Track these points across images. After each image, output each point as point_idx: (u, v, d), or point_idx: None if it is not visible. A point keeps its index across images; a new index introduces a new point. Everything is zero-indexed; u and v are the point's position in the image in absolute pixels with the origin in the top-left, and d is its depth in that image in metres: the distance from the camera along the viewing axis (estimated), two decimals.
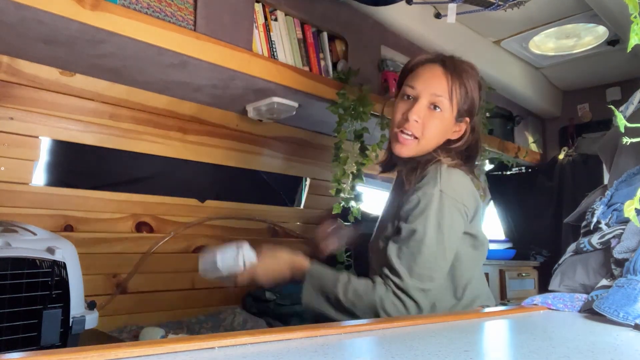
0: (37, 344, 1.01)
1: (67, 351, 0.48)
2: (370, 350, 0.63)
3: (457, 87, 1.15)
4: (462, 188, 1.11)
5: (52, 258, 1.06)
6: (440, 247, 1.06)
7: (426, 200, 1.07)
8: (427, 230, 1.05)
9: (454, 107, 1.15)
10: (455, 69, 1.16)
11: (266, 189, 2.31)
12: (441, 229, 1.06)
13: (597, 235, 1.06)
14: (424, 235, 1.04)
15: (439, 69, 1.16)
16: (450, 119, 1.17)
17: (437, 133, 1.16)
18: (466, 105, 1.17)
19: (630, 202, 0.69)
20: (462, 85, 1.15)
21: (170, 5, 1.35)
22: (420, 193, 1.08)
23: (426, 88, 1.14)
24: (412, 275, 1.03)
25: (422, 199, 1.07)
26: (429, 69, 1.17)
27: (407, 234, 1.06)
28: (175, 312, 1.92)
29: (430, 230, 1.05)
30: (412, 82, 1.17)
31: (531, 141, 3.06)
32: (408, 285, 1.02)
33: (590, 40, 2.35)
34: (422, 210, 1.06)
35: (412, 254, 1.04)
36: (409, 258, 1.04)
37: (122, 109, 1.67)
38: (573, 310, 0.95)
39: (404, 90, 1.18)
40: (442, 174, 1.09)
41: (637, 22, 0.67)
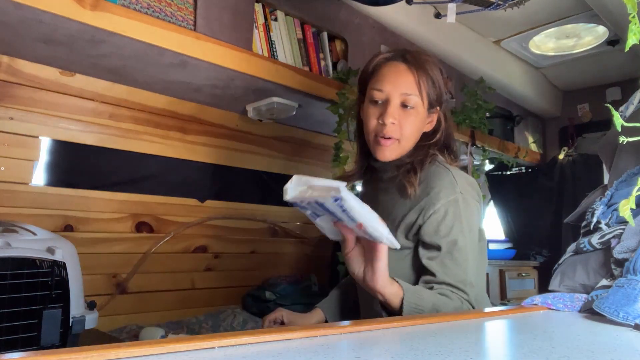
0: (37, 344, 1.01)
1: (67, 351, 0.48)
2: (370, 350, 0.63)
3: (424, 80, 1.13)
4: (470, 185, 1.12)
5: (52, 258, 1.06)
6: (474, 248, 1.08)
7: (454, 208, 1.06)
8: (465, 239, 1.05)
9: (424, 100, 1.13)
10: (417, 62, 1.14)
11: (266, 189, 2.31)
12: (473, 231, 1.08)
13: (597, 235, 1.06)
14: (465, 244, 1.05)
15: (402, 66, 1.13)
16: (423, 113, 1.15)
17: (414, 130, 1.14)
18: (435, 95, 1.16)
19: (625, 201, 0.70)
20: (428, 77, 1.14)
21: (170, 5, 1.35)
22: (444, 202, 1.06)
23: (395, 88, 1.11)
24: (467, 286, 1.03)
25: (450, 208, 1.06)
26: (392, 68, 1.14)
27: (449, 247, 1.04)
28: (175, 312, 1.92)
29: (468, 237, 1.06)
30: (378, 84, 1.13)
31: (531, 141, 3.06)
32: (470, 297, 1.03)
33: (590, 40, 2.35)
34: (453, 219, 1.05)
35: (460, 266, 1.04)
36: (457, 270, 1.03)
37: (122, 109, 1.67)
38: (573, 310, 0.95)
39: (371, 94, 1.14)
40: (455, 176, 1.09)
41: (635, 22, 0.67)
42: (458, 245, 1.04)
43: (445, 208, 1.06)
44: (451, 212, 1.05)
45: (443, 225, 1.05)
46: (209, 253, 2.05)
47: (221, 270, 2.10)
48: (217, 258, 2.09)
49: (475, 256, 1.08)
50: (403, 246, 1.11)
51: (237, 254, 2.15)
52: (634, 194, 0.71)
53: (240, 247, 2.16)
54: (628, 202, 0.70)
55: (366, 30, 1.92)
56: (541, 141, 3.16)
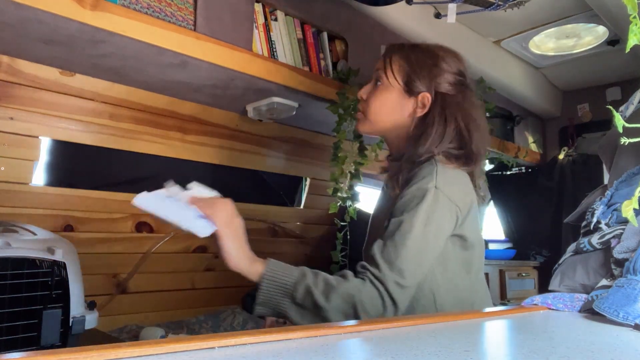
0: (37, 344, 1.01)
1: (67, 351, 0.48)
2: (370, 350, 0.63)
3: (397, 60, 1.18)
4: (457, 188, 1.08)
5: (52, 258, 1.06)
6: (425, 243, 1.01)
7: (420, 194, 1.03)
8: (414, 223, 1.00)
9: (395, 79, 1.17)
10: (398, 47, 1.21)
11: (266, 189, 2.31)
12: (430, 225, 1.01)
13: (597, 235, 1.06)
14: (410, 227, 1.00)
15: (386, 50, 1.23)
16: (396, 93, 1.18)
17: (381, 107, 1.19)
18: (416, 79, 1.15)
19: (628, 202, 0.70)
20: (403, 58, 1.18)
21: (170, 5, 1.35)
22: (414, 188, 1.04)
23: (375, 68, 1.23)
24: (392, 269, 0.97)
25: (416, 193, 1.03)
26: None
27: (394, 227, 1.02)
28: (175, 312, 1.92)
29: (418, 224, 1.00)
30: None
31: (531, 141, 3.06)
32: (386, 277, 0.96)
33: (590, 40, 2.35)
34: (413, 204, 1.02)
35: (396, 247, 0.99)
36: (391, 251, 0.99)
37: (122, 109, 1.67)
38: (573, 310, 0.95)
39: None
40: (438, 171, 1.06)
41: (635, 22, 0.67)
42: (402, 227, 1.00)
43: (413, 194, 1.04)
44: (416, 197, 1.03)
45: (402, 208, 1.03)
46: (209, 253, 2.05)
47: (221, 270, 2.10)
48: (217, 258, 2.08)
49: (419, 248, 1.00)
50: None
51: None
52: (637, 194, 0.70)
53: None
54: (631, 202, 0.69)
55: (366, 30, 1.92)
56: (541, 141, 3.16)
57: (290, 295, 0.96)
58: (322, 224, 2.47)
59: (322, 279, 0.97)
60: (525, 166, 3.11)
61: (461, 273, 1.12)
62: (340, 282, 0.96)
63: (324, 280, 0.96)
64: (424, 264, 1.02)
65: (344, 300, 0.94)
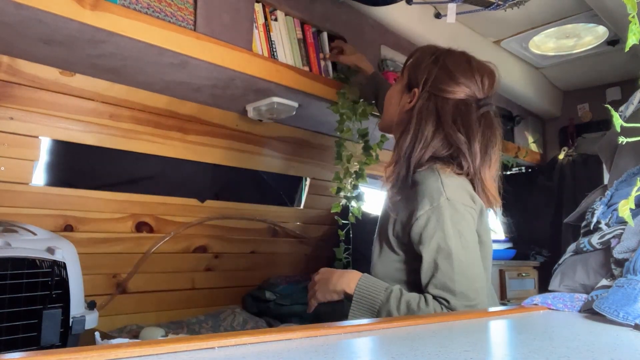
0: (37, 344, 1.01)
1: (67, 351, 0.48)
2: (370, 350, 0.63)
3: (411, 60, 1.24)
4: (463, 191, 1.08)
5: (52, 258, 1.06)
6: (470, 255, 1.02)
7: (437, 214, 1.01)
8: (450, 244, 1.00)
9: (403, 76, 1.24)
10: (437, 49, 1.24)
11: (266, 189, 2.31)
12: (463, 236, 1.01)
13: (597, 235, 1.06)
14: (450, 250, 0.99)
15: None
16: (400, 89, 1.24)
17: (387, 100, 1.28)
18: (415, 75, 1.20)
19: (625, 201, 0.70)
20: (415, 57, 1.24)
21: (170, 5, 1.35)
22: (428, 209, 1.03)
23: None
24: (456, 296, 0.97)
25: (432, 215, 1.02)
26: None
27: (432, 255, 1.01)
28: (175, 312, 1.92)
29: (455, 243, 1.00)
30: None
31: (531, 141, 3.06)
32: (456, 306, 0.97)
33: (590, 40, 2.35)
34: (436, 227, 1.01)
35: (446, 274, 0.99)
36: (446, 281, 0.98)
37: (122, 109, 1.67)
38: (573, 310, 0.95)
39: None
40: (443, 181, 1.05)
41: (635, 22, 0.67)
42: (442, 252, 1.00)
43: (427, 216, 1.02)
44: (433, 219, 1.01)
45: (425, 234, 1.02)
46: (209, 253, 2.05)
47: (221, 270, 2.10)
48: (217, 258, 2.09)
49: (467, 263, 1.00)
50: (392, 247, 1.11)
51: (237, 254, 2.15)
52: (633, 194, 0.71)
53: (240, 247, 2.16)
54: (627, 202, 0.70)
55: (366, 30, 1.92)
56: (541, 141, 3.16)
57: (376, 314, 1.03)
58: (322, 224, 2.47)
59: (405, 301, 1.00)
60: (525, 166, 3.11)
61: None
62: (422, 307, 0.99)
63: (406, 303, 1.00)
64: (479, 274, 1.03)
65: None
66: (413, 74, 1.20)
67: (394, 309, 0.99)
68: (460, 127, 1.11)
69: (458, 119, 1.12)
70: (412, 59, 1.25)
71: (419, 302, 0.99)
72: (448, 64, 1.17)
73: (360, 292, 1.04)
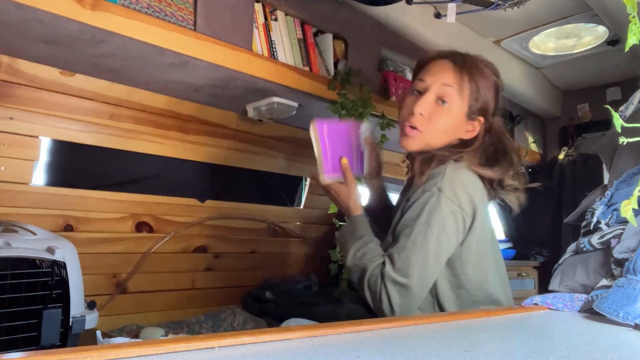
0: (37, 344, 1.01)
1: (67, 351, 0.48)
2: (370, 350, 0.63)
3: (466, 80, 1.12)
4: (463, 191, 1.05)
5: (52, 258, 1.06)
6: (426, 244, 1.01)
7: (424, 198, 1.05)
8: (415, 226, 1.03)
9: (463, 101, 1.11)
10: (465, 64, 1.14)
11: (266, 189, 2.31)
12: (431, 227, 1.02)
13: (597, 235, 1.06)
14: (411, 230, 1.03)
15: (449, 63, 1.14)
16: (460, 116, 1.12)
17: (443, 128, 1.12)
18: (478, 103, 1.13)
19: (627, 202, 0.69)
20: (473, 81, 1.12)
21: (170, 5, 1.35)
22: (420, 191, 1.06)
23: (435, 80, 1.12)
24: (393, 267, 1.02)
25: (421, 196, 1.05)
26: (439, 63, 1.16)
27: (400, 228, 1.06)
28: (175, 312, 1.92)
29: (419, 226, 1.03)
30: (422, 75, 1.16)
31: (531, 141, 3.06)
32: (388, 274, 1.01)
33: (590, 40, 2.35)
34: (417, 207, 1.05)
35: (398, 247, 1.04)
36: (395, 250, 1.04)
37: (122, 109, 1.67)
38: (573, 310, 0.95)
39: (414, 84, 1.17)
40: (445, 174, 1.05)
41: (635, 22, 0.67)
42: (405, 230, 1.05)
43: (418, 196, 1.06)
44: (420, 200, 1.05)
45: (408, 209, 1.07)
46: (209, 253, 2.05)
47: (221, 270, 2.10)
48: (217, 258, 2.09)
49: (418, 249, 1.02)
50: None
51: (237, 254, 2.15)
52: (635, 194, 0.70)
53: (240, 247, 2.16)
54: (630, 202, 0.69)
55: (366, 30, 1.92)
56: (541, 141, 3.16)
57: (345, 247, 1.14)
58: (322, 224, 2.47)
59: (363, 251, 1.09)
60: (525, 166, 3.11)
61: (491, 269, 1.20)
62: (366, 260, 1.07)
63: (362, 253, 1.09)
64: (423, 263, 1.02)
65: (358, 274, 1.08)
66: (475, 101, 1.13)
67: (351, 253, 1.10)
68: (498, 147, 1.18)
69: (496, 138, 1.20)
70: (474, 82, 1.13)
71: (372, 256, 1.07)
72: (499, 90, 1.21)
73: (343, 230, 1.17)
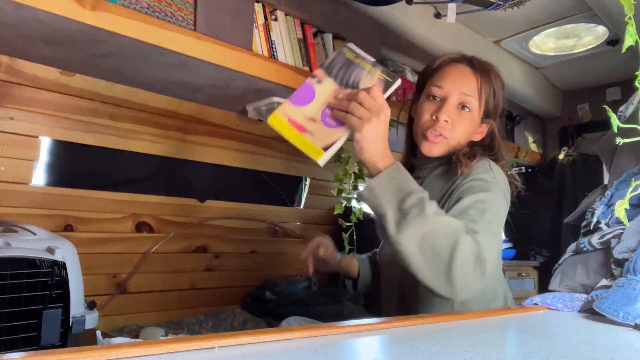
0: (37, 344, 1.01)
1: (67, 351, 0.48)
2: (370, 350, 0.63)
3: (485, 86, 1.13)
4: (505, 182, 1.09)
5: (52, 258, 1.06)
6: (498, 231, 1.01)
7: (482, 183, 1.01)
8: (489, 204, 0.97)
9: (481, 107, 1.13)
10: (482, 69, 1.14)
11: (266, 189, 2.31)
12: (499, 211, 1.00)
13: (597, 235, 1.06)
14: (489, 207, 0.97)
15: (467, 69, 1.14)
16: (477, 120, 1.15)
17: (465, 133, 1.13)
18: (492, 106, 1.16)
19: (620, 202, 0.70)
20: (490, 85, 1.14)
21: (170, 5, 1.35)
22: (475, 177, 1.03)
23: (455, 88, 1.11)
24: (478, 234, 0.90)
25: (478, 182, 1.01)
26: (457, 68, 1.15)
27: (472, 202, 0.97)
28: (175, 312, 1.92)
29: (493, 206, 0.98)
30: (439, 81, 1.13)
31: (531, 141, 3.06)
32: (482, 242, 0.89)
33: (590, 40, 2.35)
34: (481, 188, 1.00)
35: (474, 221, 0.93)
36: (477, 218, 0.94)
37: (122, 109, 1.67)
38: (573, 310, 0.95)
39: (430, 90, 1.14)
40: (492, 166, 1.07)
41: (631, 23, 0.67)
42: (482, 203, 0.97)
43: (473, 185, 1.01)
44: (479, 185, 1.01)
45: (470, 189, 1.00)
46: (209, 253, 2.05)
47: (221, 270, 2.10)
48: (217, 258, 2.09)
49: (498, 232, 1.00)
50: None
51: (237, 254, 2.15)
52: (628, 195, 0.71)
53: (240, 247, 2.16)
54: (623, 202, 0.70)
55: (366, 30, 1.92)
56: (541, 141, 3.16)
57: (400, 199, 0.89)
58: (322, 224, 2.47)
59: (435, 203, 0.91)
60: (525, 166, 3.11)
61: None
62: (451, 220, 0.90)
63: (436, 205, 0.91)
64: (497, 246, 1.00)
65: (450, 227, 0.87)
66: (491, 105, 1.15)
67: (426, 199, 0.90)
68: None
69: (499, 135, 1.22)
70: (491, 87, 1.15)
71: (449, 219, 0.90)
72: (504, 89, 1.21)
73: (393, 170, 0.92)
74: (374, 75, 0.99)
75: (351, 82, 0.98)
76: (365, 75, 0.99)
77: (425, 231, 0.86)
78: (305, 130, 0.93)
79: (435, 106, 1.12)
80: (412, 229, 0.86)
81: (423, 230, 0.86)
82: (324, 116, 0.95)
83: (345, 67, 1.00)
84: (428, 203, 0.89)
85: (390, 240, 0.89)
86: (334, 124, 0.95)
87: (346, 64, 1.01)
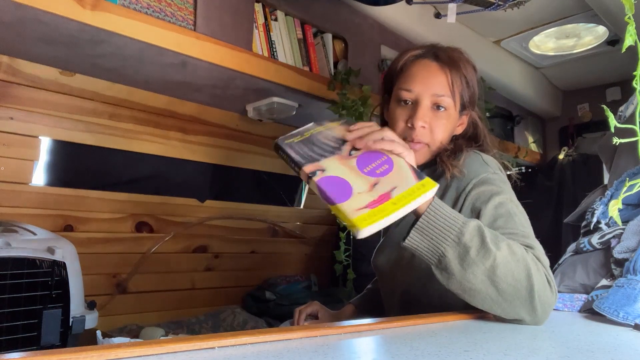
0: (37, 344, 1.01)
1: (67, 351, 0.48)
2: (370, 350, 0.63)
3: (457, 80, 1.04)
4: (500, 169, 1.05)
5: (52, 258, 1.06)
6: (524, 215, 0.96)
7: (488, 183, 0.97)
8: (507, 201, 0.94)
9: (457, 102, 1.05)
10: (450, 60, 1.05)
11: (266, 189, 2.31)
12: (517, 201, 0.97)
13: (597, 235, 1.06)
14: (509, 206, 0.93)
15: (434, 65, 1.05)
16: (455, 115, 1.07)
17: (445, 134, 1.05)
18: (468, 96, 1.08)
19: (614, 201, 0.70)
20: (462, 77, 1.05)
21: (170, 5, 1.35)
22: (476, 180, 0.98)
23: (426, 89, 1.03)
24: (528, 238, 0.88)
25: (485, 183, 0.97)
26: (424, 66, 1.06)
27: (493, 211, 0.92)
28: (175, 312, 1.92)
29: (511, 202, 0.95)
30: (408, 84, 1.04)
31: (531, 141, 3.06)
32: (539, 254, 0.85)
33: (590, 40, 2.35)
34: (491, 190, 0.95)
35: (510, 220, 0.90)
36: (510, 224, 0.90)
37: (122, 109, 1.67)
38: (573, 310, 0.95)
39: (398, 94, 1.05)
40: (486, 160, 1.03)
41: (631, 23, 0.67)
42: (503, 207, 0.92)
43: (482, 187, 0.96)
44: (486, 185, 0.96)
45: (482, 196, 0.95)
46: (209, 253, 2.05)
47: (221, 270, 2.10)
48: (217, 258, 2.09)
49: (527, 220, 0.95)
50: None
51: (237, 254, 2.15)
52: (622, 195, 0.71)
53: (240, 247, 2.16)
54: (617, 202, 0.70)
55: (366, 30, 1.92)
56: (541, 141, 3.16)
57: (458, 231, 0.79)
58: (322, 224, 2.47)
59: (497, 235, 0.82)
60: (525, 166, 3.11)
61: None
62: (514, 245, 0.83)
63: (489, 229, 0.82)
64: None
65: (513, 253, 0.80)
66: (467, 95, 1.07)
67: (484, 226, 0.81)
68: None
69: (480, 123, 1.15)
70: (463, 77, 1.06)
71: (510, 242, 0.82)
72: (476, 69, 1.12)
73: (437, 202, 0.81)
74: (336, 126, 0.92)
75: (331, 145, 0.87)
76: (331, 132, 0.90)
77: (494, 264, 0.77)
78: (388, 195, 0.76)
79: (408, 111, 1.04)
80: (481, 263, 0.77)
81: (491, 262, 0.77)
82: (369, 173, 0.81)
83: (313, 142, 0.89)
84: (485, 229, 0.81)
85: (451, 280, 0.79)
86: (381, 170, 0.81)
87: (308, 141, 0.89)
